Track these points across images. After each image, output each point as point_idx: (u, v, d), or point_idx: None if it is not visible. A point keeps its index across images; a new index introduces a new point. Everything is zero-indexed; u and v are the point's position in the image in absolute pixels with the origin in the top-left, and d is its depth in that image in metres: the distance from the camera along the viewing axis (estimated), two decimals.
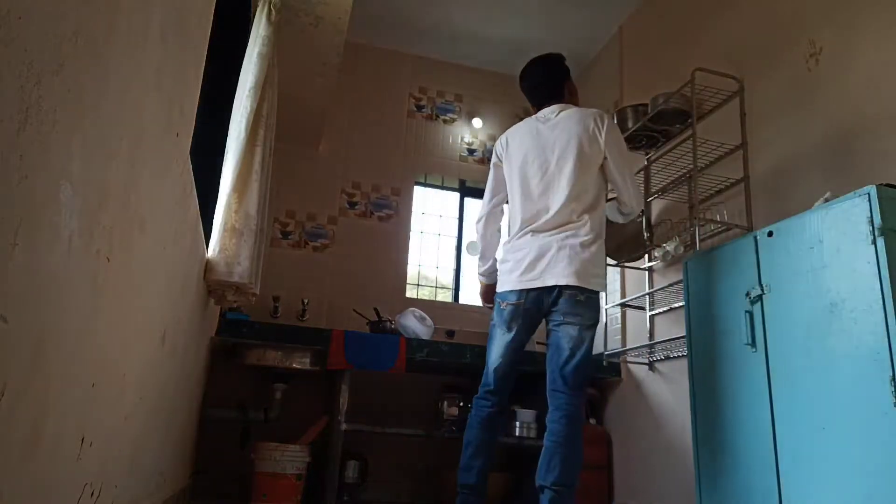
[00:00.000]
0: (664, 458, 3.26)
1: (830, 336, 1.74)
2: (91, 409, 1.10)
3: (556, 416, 2.31)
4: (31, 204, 0.71)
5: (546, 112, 2.56)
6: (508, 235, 2.57)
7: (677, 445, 3.15)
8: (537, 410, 3.64)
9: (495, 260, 2.69)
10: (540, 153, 2.48)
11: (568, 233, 2.37)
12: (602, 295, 2.50)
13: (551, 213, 2.40)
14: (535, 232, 2.43)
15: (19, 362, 0.74)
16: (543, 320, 2.47)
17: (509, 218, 2.63)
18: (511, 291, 2.44)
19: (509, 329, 2.45)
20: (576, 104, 2.62)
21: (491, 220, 2.68)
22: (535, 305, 2.40)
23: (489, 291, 2.71)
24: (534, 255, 2.39)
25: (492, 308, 2.62)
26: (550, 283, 2.34)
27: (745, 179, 2.91)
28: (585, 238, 2.35)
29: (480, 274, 2.74)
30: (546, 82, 2.62)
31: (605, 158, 2.46)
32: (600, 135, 2.44)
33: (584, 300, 2.32)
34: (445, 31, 4.56)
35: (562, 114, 2.52)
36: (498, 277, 2.56)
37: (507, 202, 2.65)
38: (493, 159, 2.68)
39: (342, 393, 3.35)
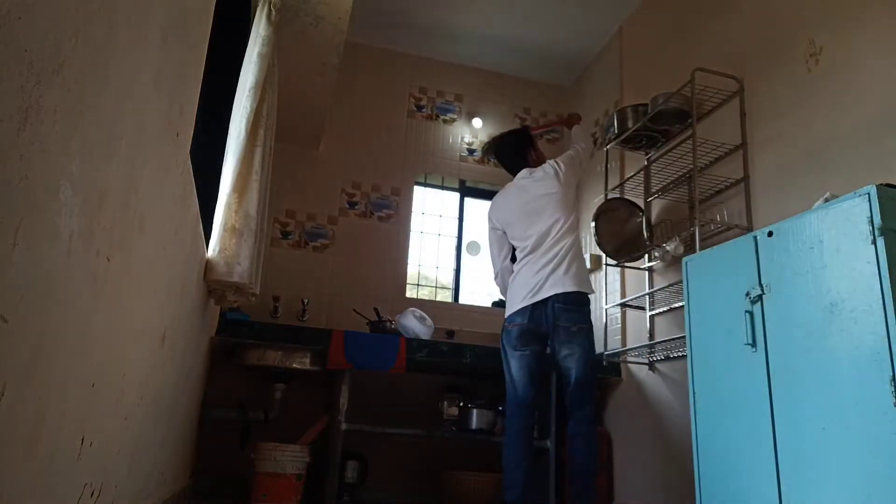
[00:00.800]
0: (664, 458, 3.26)
1: (830, 336, 1.74)
2: (91, 409, 1.10)
3: None
4: (31, 204, 0.71)
5: (521, 175, 3.12)
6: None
7: (677, 445, 3.15)
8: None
9: None
10: (523, 206, 3.00)
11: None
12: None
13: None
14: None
15: (19, 362, 0.74)
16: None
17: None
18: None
19: None
20: (540, 162, 3.14)
21: (506, 273, 3.09)
22: None
23: None
24: None
25: None
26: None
27: (745, 179, 2.91)
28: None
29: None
30: (513, 158, 3.20)
31: (562, 175, 3.00)
32: (559, 167, 3.03)
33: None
34: (445, 31, 4.56)
35: (532, 174, 3.08)
36: None
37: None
38: (490, 226, 3.15)
39: (342, 393, 3.35)
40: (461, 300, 4.61)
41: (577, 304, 2.78)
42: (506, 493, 2.69)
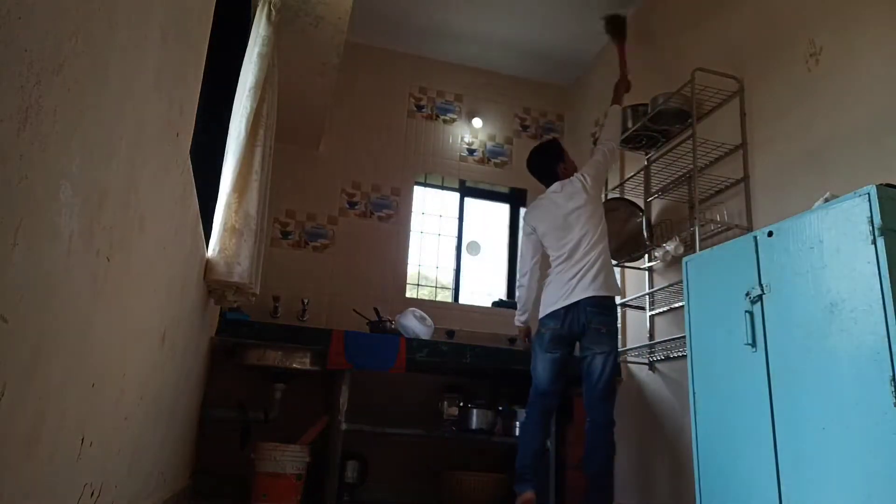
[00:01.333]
0: (664, 458, 3.26)
1: (830, 336, 1.74)
2: (91, 409, 1.10)
3: None
4: (31, 204, 0.71)
5: (552, 188, 3.24)
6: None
7: (677, 445, 3.15)
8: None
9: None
10: (555, 221, 3.13)
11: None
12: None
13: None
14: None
15: (19, 362, 0.74)
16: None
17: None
18: None
19: None
20: (570, 173, 3.22)
21: (534, 273, 3.25)
22: None
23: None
24: None
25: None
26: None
27: (745, 179, 2.91)
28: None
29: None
30: (545, 170, 3.30)
31: (589, 188, 3.10)
32: (585, 181, 3.12)
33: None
34: (445, 31, 4.56)
35: (563, 189, 3.17)
36: None
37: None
38: (526, 231, 3.30)
39: (342, 393, 3.35)
40: (461, 300, 4.61)
41: (605, 307, 2.94)
42: (518, 466, 2.91)
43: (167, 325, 1.78)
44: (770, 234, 2.00)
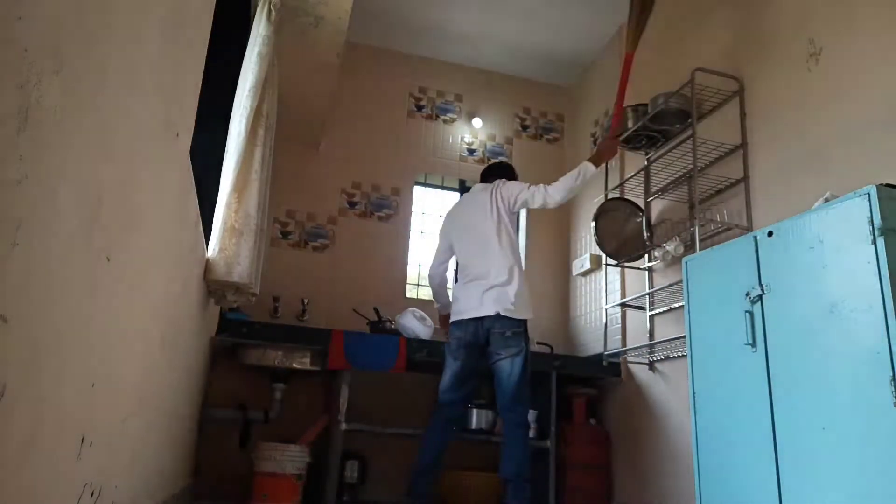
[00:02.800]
0: (664, 458, 3.26)
1: (830, 336, 1.74)
2: (91, 409, 1.10)
3: None
4: (31, 204, 0.71)
5: (474, 188, 3.26)
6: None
7: (677, 445, 3.15)
8: (537, 410, 3.64)
9: None
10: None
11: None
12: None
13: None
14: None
15: (19, 362, 0.74)
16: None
17: None
18: None
19: None
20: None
21: None
22: None
23: None
24: None
25: None
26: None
27: (745, 179, 2.91)
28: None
29: None
30: (486, 178, 3.31)
31: (500, 205, 3.04)
32: (496, 196, 3.05)
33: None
34: (445, 31, 4.56)
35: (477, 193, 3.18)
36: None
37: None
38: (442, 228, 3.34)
39: (342, 393, 3.35)
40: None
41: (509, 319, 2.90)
42: (412, 477, 2.94)
43: (167, 325, 1.78)
44: (770, 234, 2.00)
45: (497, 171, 3.31)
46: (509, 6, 4.27)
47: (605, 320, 3.86)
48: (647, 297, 3.51)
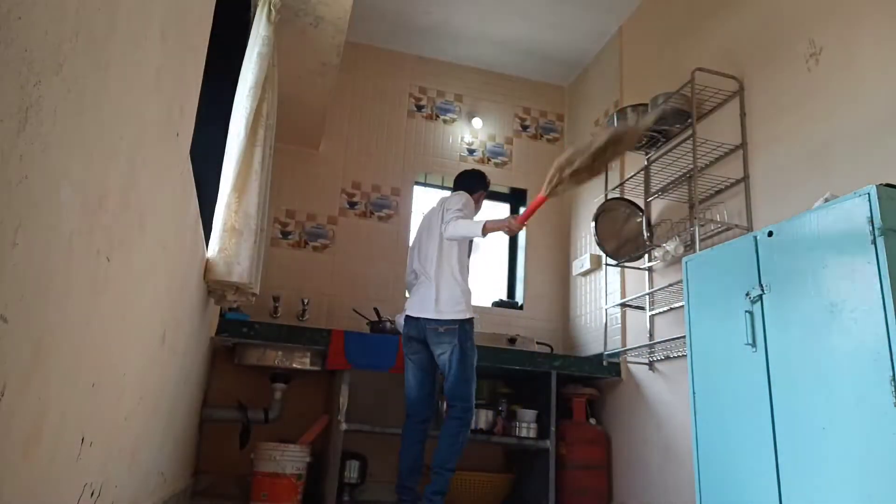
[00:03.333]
0: (664, 458, 3.26)
1: (830, 336, 1.74)
2: (91, 409, 1.10)
3: None
4: (31, 204, 0.71)
5: (442, 197, 3.32)
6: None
7: (677, 445, 3.15)
8: (537, 410, 3.64)
9: None
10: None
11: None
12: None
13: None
14: None
15: (19, 362, 0.74)
16: None
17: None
18: None
19: None
20: (469, 204, 3.18)
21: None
22: None
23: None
24: None
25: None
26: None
27: (745, 179, 2.91)
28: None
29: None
30: (459, 184, 3.39)
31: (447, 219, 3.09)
32: (446, 215, 3.09)
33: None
34: (445, 31, 4.56)
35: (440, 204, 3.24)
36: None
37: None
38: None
39: (342, 393, 3.35)
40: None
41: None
42: (396, 488, 2.99)
43: (167, 325, 1.78)
44: (770, 234, 2.00)
45: (460, 181, 3.40)
46: (509, 6, 4.26)
47: (605, 320, 3.86)
48: (647, 297, 3.51)
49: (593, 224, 3.66)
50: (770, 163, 2.80)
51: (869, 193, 1.68)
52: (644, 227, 3.57)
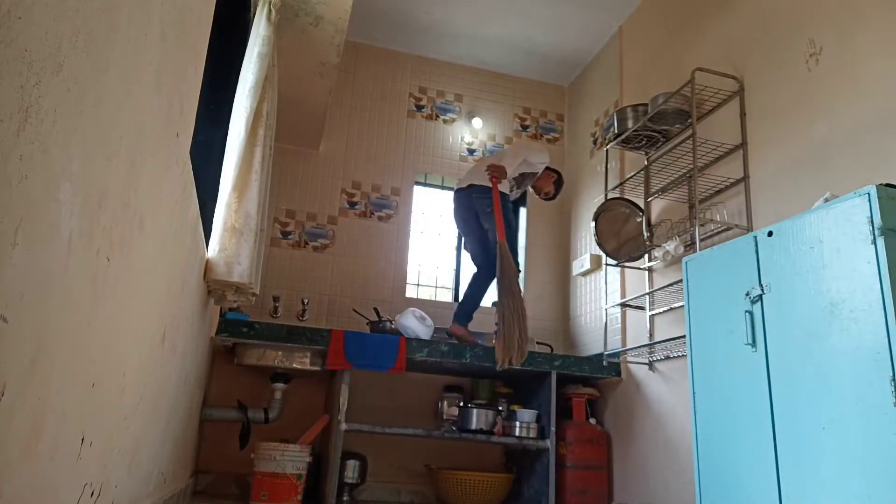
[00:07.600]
0: (664, 458, 3.26)
1: (830, 336, 1.74)
2: (91, 409, 1.10)
3: None
4: (31, 204, 0.71)
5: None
6: None
7: (677, 445, 3.15)
8: (537, 410, 3.64)
9: None
10: None
11: None
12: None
13: None
14: None
15: (19, 362, 0.74)
16: None
17: None
18: None
19: None
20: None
21: None
22: None
23: None
24: None
25: None
26: None
27: (745, 179, 2.91)
28: None
29: None
30: None
31: None
32: None
33: None
34: (445, 31, 4.56)
35: None
36: None
37: None
38: None
39: (342, 393, 3.35)
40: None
41: None
42: None
43: (167, 324, 1.78)
44: (770, 234, 2.00)
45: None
46: (509, 6, 4.26)
47: (605, 320, 3.86)
48: (647, 297, 3.51)
49: (593, 224, 3.66)
50: (770, 163, 2.80)
51: (869, 193, 1.68)
52: (644, 227, 3.57)
